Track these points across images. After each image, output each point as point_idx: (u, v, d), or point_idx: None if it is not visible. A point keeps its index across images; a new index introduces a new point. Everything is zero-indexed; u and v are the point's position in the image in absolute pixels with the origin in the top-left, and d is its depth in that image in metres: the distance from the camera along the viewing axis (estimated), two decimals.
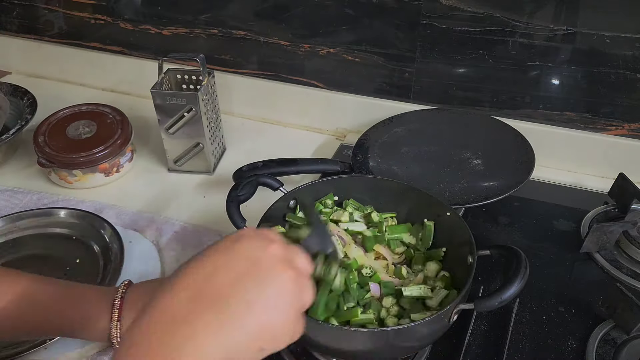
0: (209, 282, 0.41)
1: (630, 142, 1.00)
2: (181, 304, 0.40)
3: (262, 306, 0.42)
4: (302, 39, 1.11)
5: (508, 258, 0.66)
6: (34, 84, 1.27)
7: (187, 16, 1.17)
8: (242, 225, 0.74)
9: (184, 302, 0.41)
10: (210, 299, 0.41)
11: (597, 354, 0.72)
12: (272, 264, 0.44)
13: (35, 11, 1.31)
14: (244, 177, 0.82)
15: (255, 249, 0.44)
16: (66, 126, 1.04)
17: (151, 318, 0.40)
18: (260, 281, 0.42)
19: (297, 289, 0.45)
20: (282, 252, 0.45)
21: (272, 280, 0.43)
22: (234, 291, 0.41)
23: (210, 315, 0.40)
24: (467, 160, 0.98)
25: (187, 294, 0.41)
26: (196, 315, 0.40)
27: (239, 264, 0.43)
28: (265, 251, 0.44)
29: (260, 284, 0.42)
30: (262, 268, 0.43)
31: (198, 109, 0.98)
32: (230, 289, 0.41)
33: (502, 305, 0.62)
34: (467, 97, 1.06)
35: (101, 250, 0.87)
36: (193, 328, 0.39)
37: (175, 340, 0.38)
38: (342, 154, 1.09)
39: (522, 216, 0.95)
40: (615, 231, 0.86)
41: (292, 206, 0.81)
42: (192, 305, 0.40)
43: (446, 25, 0.99)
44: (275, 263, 0.44)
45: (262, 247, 0.44)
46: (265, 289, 0.42)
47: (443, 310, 0.61)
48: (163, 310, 0.40)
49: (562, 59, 0.96)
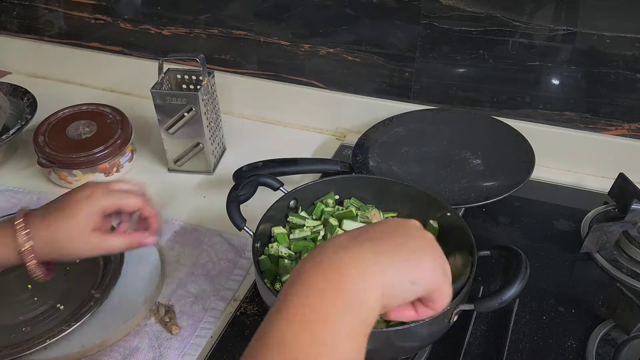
0: (363, 232, 0.49)
1: (630, 142, 1.00)
2: (341, 241, 0.48)
3: (408, 249, 0.49)
4: (302, 39, 1.11)
5: (508, 258, 0.66)
6: (34, 84, 1.28)
7: (187, 16, 1.18)
8: (242, 225, 0.74)
9: (343, 240, 0.48)
10: (365, 239, 0.48)
11: (597, 354, 0.72)
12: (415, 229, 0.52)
13: (35, 11, 1.31)
14: (244, 177, 0.82)
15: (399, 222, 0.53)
16: (66, 126, 1.05)
17: (318, 250, 0.47)
18: (406, 232, 0.51)
19: (436, 249, 0.51)
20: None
21: (416, 234, 0.51)
22: (386, 236, 0.49)
23: (367, 247, 0.47)
24: (467, 160, 0.98)
25: (346, 236, 0.49)
26: (356, 245, 0.47)
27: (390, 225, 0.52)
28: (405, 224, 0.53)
29: (406, 234, 0.50)
30: (408, 227, 0.52)
31: (198, 109, 0.98)
32: (382, 235, 0.49)
33: (502, 307, 0.62)
34: (467, 97, 1.06)
35: None
36: (355, 252, 0.46)
37: (342, 258, 0.45)
38: (342, 154, 1.09)
39: (522, 216, 0.95)
40: (615, 231, 0.86)
41: (292, 206, 0.81)
42: (352, 242, 0.47)
43: (446, 25, 0.99)
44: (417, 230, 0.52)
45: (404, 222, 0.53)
46: (410, 238, 0.50)
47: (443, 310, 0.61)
48: (327, 245, 0.48)
49: (562, 59, 0.96)
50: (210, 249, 0.89)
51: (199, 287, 0.83)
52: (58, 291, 0.81)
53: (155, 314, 0.79)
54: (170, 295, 0.82)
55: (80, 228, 0.65)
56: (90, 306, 0.77)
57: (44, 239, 0.64)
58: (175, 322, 0.77)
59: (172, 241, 0.91)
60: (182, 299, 0.81)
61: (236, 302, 0.81)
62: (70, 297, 0.80)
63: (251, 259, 0.87)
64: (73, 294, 0.80)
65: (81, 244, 0.65)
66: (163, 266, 0.86)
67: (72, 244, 0.65)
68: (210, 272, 0.86)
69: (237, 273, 0.86)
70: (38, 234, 0.64)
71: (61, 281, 0.82)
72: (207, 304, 0.81)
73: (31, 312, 0.78)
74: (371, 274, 0.45)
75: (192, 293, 0.82)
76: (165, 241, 0.91)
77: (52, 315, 0.78)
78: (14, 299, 0.80)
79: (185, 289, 0.83)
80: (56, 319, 0.77)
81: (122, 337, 0.76)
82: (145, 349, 0.75)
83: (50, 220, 0.65)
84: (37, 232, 0.64)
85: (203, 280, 0.84)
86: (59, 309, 0.78)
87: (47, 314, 0.78)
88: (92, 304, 0.77)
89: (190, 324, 0.78)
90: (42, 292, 0.81)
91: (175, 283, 0.84)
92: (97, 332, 0.75)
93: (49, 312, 0.78)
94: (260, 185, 0.80)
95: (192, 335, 0.76)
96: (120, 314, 0.77)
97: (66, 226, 0.65)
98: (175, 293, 0.82)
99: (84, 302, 0.79)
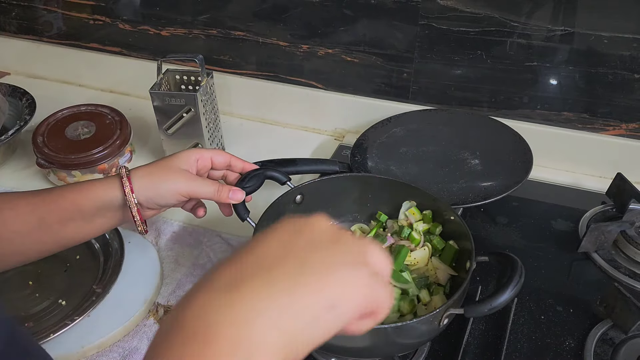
0: (250, 258, 0.38)
1: (627, 142, 1.00)
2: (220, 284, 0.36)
3: (321, 264, 0.38)
4: (300, 39, 1.12)
5: (505, 265, 0.66)
6: (33, 84, 1.28)
7: (186, 17, 1.18)
8: (245, 217, 0.74)
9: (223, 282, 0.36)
10: (256, 270, 0.37)
11: (595, 353, 0.72)
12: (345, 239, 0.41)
13: (34, 12, 1.32)
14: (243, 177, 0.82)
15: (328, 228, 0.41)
16: (65, 127, 1.05)
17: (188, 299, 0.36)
18: (307, 241, 0.39)
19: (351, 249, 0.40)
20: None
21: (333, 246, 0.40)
22: (281, 257, 0.38)
23: (257, 284, 0.35)
24: (465, 160, 0.98)
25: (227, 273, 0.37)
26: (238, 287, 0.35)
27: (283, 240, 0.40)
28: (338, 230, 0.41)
29: (316, 249, 0.39)
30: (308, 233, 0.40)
31: (197, 110, 0.98)
32: (275, 257, 0.38)
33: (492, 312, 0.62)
34: (466, 97, 1.07)
35: (101, 247, 0.87)
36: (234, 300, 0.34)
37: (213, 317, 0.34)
38: (340, 154, 1.09)
39: (520, 216, 0.95)
40: (613, 231, 0.86)
41: (298, 201, 0.81)
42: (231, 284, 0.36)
43: (444, 26, 0.99)
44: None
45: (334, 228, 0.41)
46: (325, 254, 0.39)
47: (432, 313, 0.61)
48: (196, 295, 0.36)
49: (560, 59, 0.97)
50: (210, 249, 0.90)
51: None
52: (59, 287, 0.82)
53: (154, 314, 0.79)
54: (169, 296, 0.82)
55: (177, 164, 0.71)
56: (92, 301, 0.77)
57: (145, 181, 0.69)
58: None
59: (171, 242, 0.91)
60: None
61: None
62: (71, 293, 0.80)
63: None
64: (74, 289, 0.81)
65: (176, 175, 0.70)
66: (162, 267, 0.86)
67: (168, 176, 0.70)
68: None
69: None
70: (139, 178, 0.69)
71: (62, 277, 0.83)
72: None
73: (33, 308, 0.79)
74: (262, 332, 0.33)
75: None
76: (164, 241, 0.91)
77: (54, 311, 0.78)
78: (15, 295, 0.81)
79: (184, 290, 0.83)
80: (58, 314, 0.77)
81: (121, 338, 0.76)
82: (144, 350, 0.75)
83: (150, 166, 0.71)
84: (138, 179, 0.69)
85: None
86: (61, 304, 0.79)
87: (49, 309, 0.78)
88: (94, 298, 0.78)
89: None
90: (43, 287, 0.81)
91: (174, 284, 0.84)
92: (96, 332, 0.75)
93: (51, 308, 0.79)
94: (267, 179, 0.80)
95: None
96: (120, 315, 0.77)
97: (163, 162, 0.71)
98: (175, 294, 0.82)
99: (86, 297, 0.79)
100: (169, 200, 0.71)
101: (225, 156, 0.76)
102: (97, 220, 0.69)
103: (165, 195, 0.70)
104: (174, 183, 0.69)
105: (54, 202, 0.67)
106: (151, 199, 0.70)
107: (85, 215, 0.68)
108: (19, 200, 0.66)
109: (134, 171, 0.70)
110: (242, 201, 0.75)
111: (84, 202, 0.67)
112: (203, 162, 0.74)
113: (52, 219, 0.66)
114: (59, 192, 0.68)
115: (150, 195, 0.69)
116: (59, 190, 0.69)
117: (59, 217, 0.66)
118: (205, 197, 0.73)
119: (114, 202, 0.68)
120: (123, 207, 0.69)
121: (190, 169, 0.72)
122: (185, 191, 0.70)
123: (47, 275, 0.83)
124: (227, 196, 0.72)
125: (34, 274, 0.83)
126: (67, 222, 0.67)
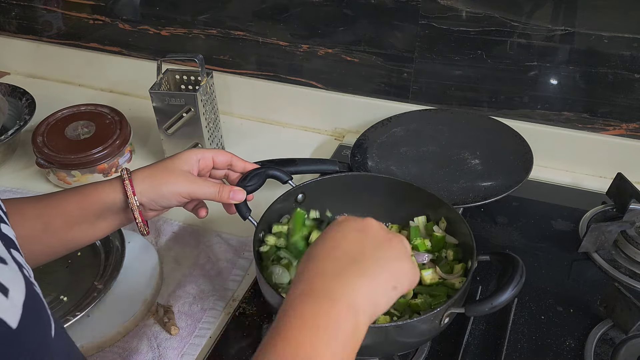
0: (338, 250, 0.54)
1: (628, 142, 1.00)
2: (326, 267, 0.52)
3: (387, 260, 0.54)
4: (300, 39, 1.11)
5: (506, 264, 0.66)
6: (33, 84, 1.28)
7: (186, 17, 1.18)
8: (247, 215, 0.74)
9: (328, 265, 0.52)
10: (348, 262, 0.53)
11: (596, 353, 0.72)
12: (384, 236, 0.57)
13: (33, 12, 1.31)
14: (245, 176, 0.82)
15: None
16: (65, 127, 1.05)
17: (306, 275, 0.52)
18: (377, 241, 0.56)
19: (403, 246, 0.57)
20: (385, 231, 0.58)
21: (385, 240, 0.56)
22: (363, 251, 0.54)
23: (354, 272, 0.52)
24: (465, 160, 0.98)
25: (326, 257, 0.53)
26: (342, 271, 0.52)
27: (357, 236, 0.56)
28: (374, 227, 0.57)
29: (379, 243, 0.55)
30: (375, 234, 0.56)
31: (197, 110, 0.98)
32: (359, 251, 0.54)
33: (492, 312, 0.62)
34: (466, 97, 1.07)
35: (102, 243, 0.87)
36: (344, 282, 0.51)
37: (333, 290, 0.50)
38: (340, 154, 1.09)
39: (520, 216, 0.95)
40: (614, 231, 0.86)
41: (300, 200, 0.81)
42: (338, 268, 0.52)
43: (444, 26, 0.99)
44: (385, 235, 0.57)
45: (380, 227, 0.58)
46: (383, 247, 0.55)
47: (433, 312, 0.61)
48: (313, 271, 0.52)
49: (560, 59, 0.97)
50: (209, 249, 0.90)
51: (197, 287, 0.83)
52: (61, 283, 0.82)
53: (154, 314, 0.79)
54: (169, 296, 0.82)
55: (178, 165, 0.71)
56: (93, 297, 0.78)
57: (146, 183, 0.69)
58: (174, 323, 0.77)
59: (171, 242, 0.91)
60: (180, 299, 0.82)
61: (235, 302, 0.81)
62: (73, 289, 0.81)
63: (250, 259, 0.88)
64: (76, 286, 0.81)
65: (178, 177, 0.70)
66: (162, 267, 0.86)
67: (169, 178, 0.70)
68: (209, 272, 0.86)
69: (235, 273, 0.86)
70: (141, 181, 0.69)
71: (64, 273, 0.83)
72: (205, 304, 0.81)
73: None
74: (362, 301, 0.50)
75: (190, 293, 0.82)
76: (164, 241, 0.91)
77: (56, 307, 0.78)
78: None
79: (184, 290, 0.83)
80: (60, 310, 0.77)
81: (121, 338, 0.76)
82: (144, 350, 0.75)
83: (151, 168, 0.71)
84: (140, 181, 0.69)
85: (202, 280, 0.84)
86: (62, 300, 0.79)
87: (51, 305, 0.78)
88: (96, 294, 0.78)
89: (189, 324, 0.78)
90: (44, 284, 0.81)
91: (174, 283, 0.84)
92: (96, 332, 0.75)
93: (52, 304, 0.79)
94: (268, 178, 0.79)
95: (191, 336, 0.77)
96: (119, 315, 0.77)
97: (164, 163, 0.71)
98: (174, 293, 0.82)
99: (87, 293, 0.79)
100: (171, 202, 0.71)
101: (227, 155, 0.76)
102: (101, 223, 0.69)
103: (167, 196, 0.70)
104: (176, 185, 0.70)
105: (58, 206, 0.67)
106: (153, 200, 0.70)
107: (90, 218, 0.68)
108: (25, 206, 0.67)
109: (136, 173, 0.70)
110: (244, 200, 0.75)
111: (87, 205, 0.68)
112: (205, 162, 0.74)
113: (58, 223, 0.66)
114: (63, 196, 0.69)
115: (152, 197, 0.69)
116: (63, 194, 0.69)
117: (64, 221, 0.67)
118: (207, 198, 0.73)
119: (117, 204, 0.68)
120: (126, 210, 0.69)
121: (191, 169, 0.72)
122: (187, 192, 0.70)
123: (49, 271, 0.83)
124: (228, 197, 0.72)
125: (36, 270, 0.82)
126: (72, 225, 0.67)
